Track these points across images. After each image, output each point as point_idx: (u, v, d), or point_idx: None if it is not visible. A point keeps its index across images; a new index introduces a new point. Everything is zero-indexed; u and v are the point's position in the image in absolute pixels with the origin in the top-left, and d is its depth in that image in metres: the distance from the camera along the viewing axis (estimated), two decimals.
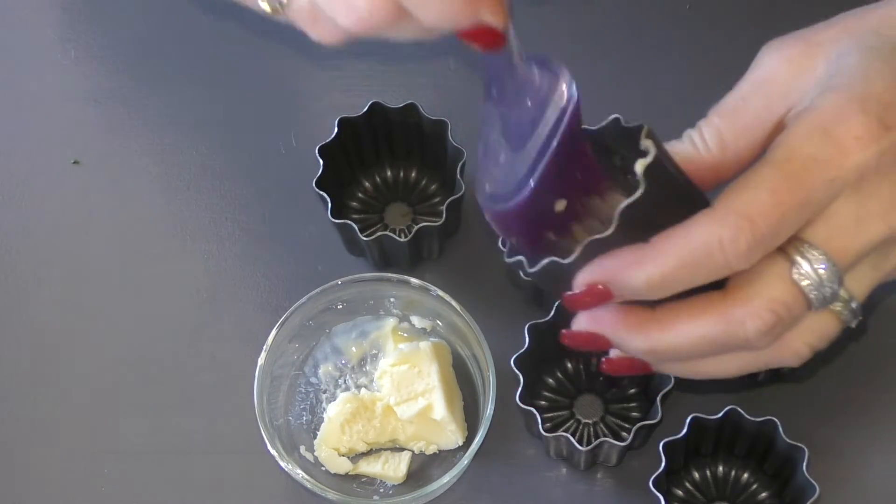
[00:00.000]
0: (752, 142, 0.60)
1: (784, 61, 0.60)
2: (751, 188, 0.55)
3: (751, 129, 0.60)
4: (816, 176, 0.56)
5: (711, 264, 0.55)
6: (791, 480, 0.72)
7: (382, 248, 0.79)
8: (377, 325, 0.79)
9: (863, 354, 0.78)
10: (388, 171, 0.83)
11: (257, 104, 0.86)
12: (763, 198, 0.55)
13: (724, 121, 0.60)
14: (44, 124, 0.86)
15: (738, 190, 0.56)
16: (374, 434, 0.75)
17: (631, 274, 0.56)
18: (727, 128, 0.60)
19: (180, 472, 0.77)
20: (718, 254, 0.55)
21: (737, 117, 0.60)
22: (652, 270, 0.56)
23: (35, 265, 0.82)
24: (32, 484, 0.77)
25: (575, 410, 0.77)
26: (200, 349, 0.80)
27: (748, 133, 0.60)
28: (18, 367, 0.80)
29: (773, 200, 0.55)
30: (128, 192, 0.84)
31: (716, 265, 0.56)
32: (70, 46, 0.88)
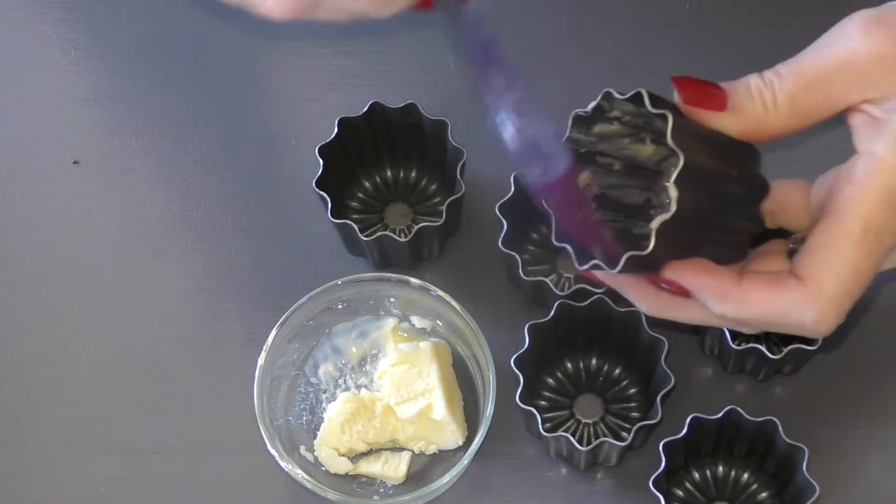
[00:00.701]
0: (818, 117, 0.60)
1: (876, 55, 0.59)
2: (839, 267, 0.58)
3: (823, 107, 0.60)
4: (887, 244, 0.60)
5: (787, 326, 0.60)
6: (791, 480, 0.72)
7: (382, 248, 0.79)
8: (377, 325, 0.79)
9: (863, 355, 0.78)
10: (388, 171, 0.83)
11: (257, 104, 0.86)
12: (850, 279, 0.59)
13: (801, 92, 0.59)
14: (44, 124, 0.86)
15: (826, 268, 0.58)
16: (374, 434, 0.75)
17: (713, 301, 0.60)
18: (803, 100, 0.59)
19: (180, 472, 0.77)
20: (798, 324, 0.59)
21: (814, 92, 0.59)
22: (732, 310, 0.60)
23: (35, 265, 0.82)
24: (32, 484, 0.77)
25: (575, 410, 0.77)
26: (200, 349, 0.80)
27: (820, 110, 0.60)
28: (18, 367, 0.80)
29: (858, 279, 0.59)
30: (128, 192, 0.84)
31: (790, 328, 0.60)
32: (70, 46, 0.88)
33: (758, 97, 0.59)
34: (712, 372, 0.78)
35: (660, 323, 0.69)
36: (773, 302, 0.59)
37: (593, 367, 0.78)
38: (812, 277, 0.58)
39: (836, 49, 0.60)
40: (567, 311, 0.74)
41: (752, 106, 0.59)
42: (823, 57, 0.60)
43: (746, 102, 0.59)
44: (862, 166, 0.59)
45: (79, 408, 0.78)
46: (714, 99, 0.59)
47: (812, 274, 0.58)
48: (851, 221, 0.58)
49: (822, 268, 0.58)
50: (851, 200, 0.58)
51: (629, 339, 0.75)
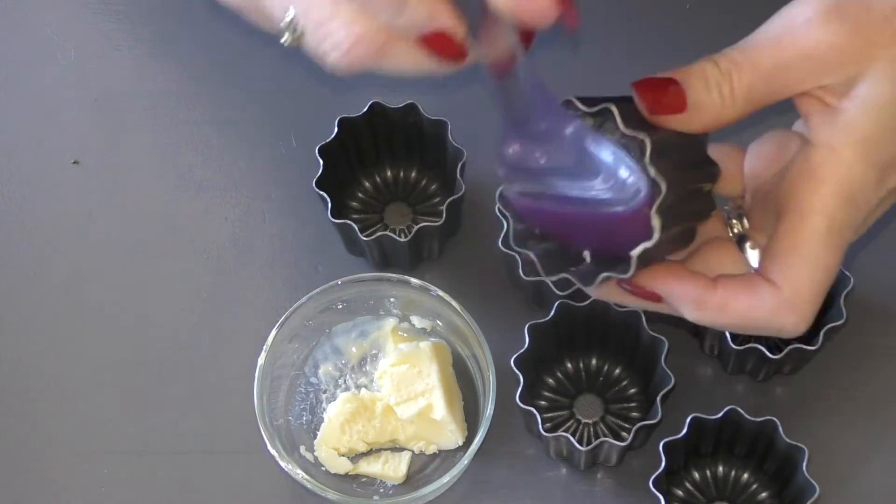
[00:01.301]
0: (769, 103, 0.60)
1: (836, 46, 0.58)
2: (812, 270, 0.58)
3: (777, 95, 0.59)
4: (848, 239, 0.60)
5: (764, 330, 0.60)
6: (791, 480, 0.72)
7: (382, 248, 0.79)
8: (377, 325, 0.79)
9: (863, 355, 0.78)
10: (388, 171, 0.83)
11: (257, 104, 0.86)
12: (822, 278, 0.59)
13: (759, 83, 0.58)
14: (44, 124, 0.86)
15: (800, 271, 0.58)
16: (374, 434, 0.75)
17: (688, 309, 0.59)
18: (760, 90, 0.59)
19: (180, 472, 0.77)
20: (777, 329, 0.59)
21: (772, 82, 0.59)
22: (707, 317, 0.60)
23: (35, 265, 0.82)
24: (32, 484, 0.77)
25: (575, 410, 0.77)
26: (200, 349, 0.80)
27: (773, 97, 0.59)
28: (18, 367, 0.80)
29: (828, 277, 0.59)
30: (128, 192, 0.84)
31: (767, 332, 0.60)
32: (70, 46, 0.88)
33: (716, 91, 0.58)
34: (712, 372, 0.78)
35: (660, 321, 0.69)
36: (751, 310, 0.59)
37: (593, 367, 0.78)
38: (787, 282, 0.58)
39: (795, 38, 0.58)
40: (567, 311, 0.74)
41: (711, 101, 0.59)
42: (782, 46, 0.59)
43: (704, 98, 0.58)
44: (821, 162, 0.58)
45: (79, 408, 0.78)
46: (675, 101, 0.58)
47: (787, 279, 0.58)
48: (818, 221, 0.58)
49: (795, 272, 0.58)
50: (814, 199, 0.58)
51: (629, 339, 0.75)
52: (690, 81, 0.58)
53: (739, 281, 0.59)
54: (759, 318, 0.59)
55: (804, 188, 0.58)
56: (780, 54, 0.58)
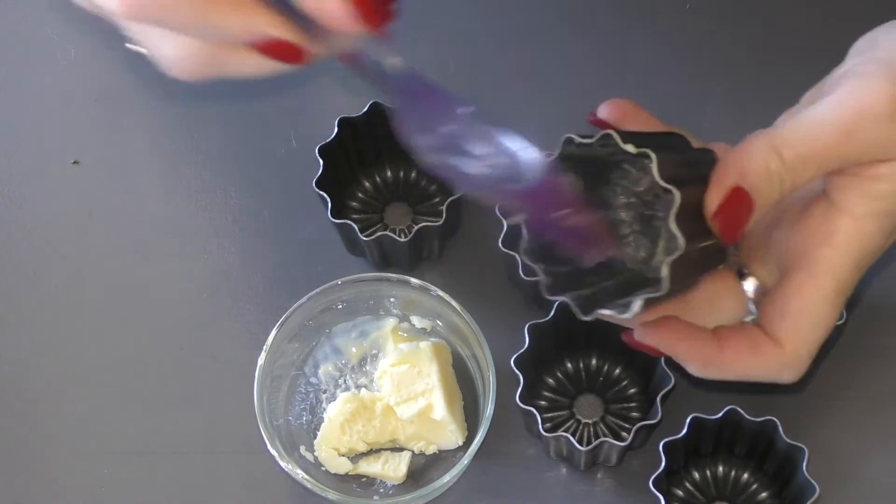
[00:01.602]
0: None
1: (882, 120, 0.56)
2: (815, 330, 0.59)
3: (824, 168, 0.58)
4: (849, 294, 0.60)
5: (760, 381, 0.61)
6: (791, 480, 0.72)
7: (382, 248, 0.79)
8: (377, 325, 0.79)
9: (863, 355, 0.78)
10: (388, 171, 0.83)
11: (257, 104, 0.86)
12: (822, 336, 0.60)
13: (820, 173, 0.57)
14: (44, 124, 0.86)
15: (805, 333, 0.59)
16: (374, 434, 0.75)
17: (693, 367, 0.60)
18: (815, 177, 0.57)
19: (180, 472, 0.77)
20: (774, 380, 0.61)
21: (830, 171, 0.58)
22: (710, 374, 0.61)
23: (35, 265, 0.82)
24: (32, 484, 0.77)
25: (575, 410, 0.77)
26: (200, 349, 0.80)
27: (821, 171, 0.58)
28: (18, 367, 0.80)
29: (826, 332, 0.60)
30: (128, 192, 0.84)
31: (763, 381, 0.61)
32: (70, 46, 0.88)
33: (778, 189, 0.57)
34: None
35: None
36: (754, 369, 0.60)
37: (593, 367, 0.78)
38: (791, 342, 0.59)
39: (864, 134, 0.56)
40: (567, 311, 0.74)
41: (772, 200, 0.57)
42: (850, 141, 0.56)
43: (767, 201, 0.57)
44: (842, 229, 0.58)
45: (79, 408, 0.78)
46: (746, 213, 0.56)
47: (791, 339, 0.59)
48: (828, 285, 0.58)
49: (801, 333, 0.59)
50: (829, 264, 0.58)
51: None
52: (757, 184, 0.56)
53: (743, 339, 0.59)
54: (760, 376, 0.60)
55: (820, 251, 0.58)
56: (847, 150, 0.56)
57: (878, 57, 0.57)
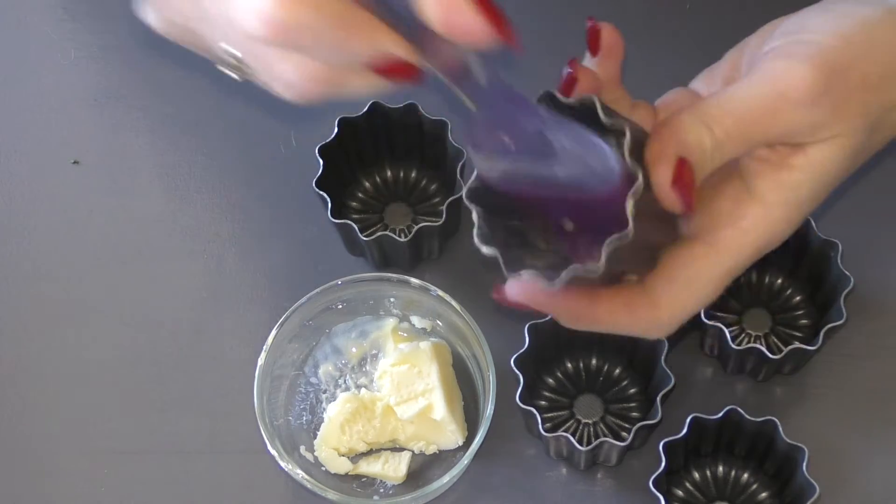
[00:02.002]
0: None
1: (816, 124, 0.57)
2: (695, 300, 0.59)
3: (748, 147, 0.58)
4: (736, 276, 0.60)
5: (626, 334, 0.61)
6: (791, 480, 0.72)
7: (382, 248, 0.79)
8: (377, 325, 0.79)
9: (863, 354, 0.78)
10: (388, 171, 0.83)
11: (257, 104, 0.86)
12: (698, 309, 0.60)
13: (743, 151, 0.58)
14: (44, 124, 0.86)
15: (683, 301, 0.59)
16: (374, 434, 0.75)
17: (565, 321, 0.60)
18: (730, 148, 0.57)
19: (180, 472, 0.77)
20: (638, 336, 0.60)
21: (752, 147, 0.58)
22: (581, 327, 0.60)
23: (35, 265, 0.82)
24: (32, 484, 0.77)
25: (575, 410, 0.77)
26: (200, 349, 0.80)
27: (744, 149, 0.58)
28: (18, 367, 0.80)
29: (703, 307, 0.61)
30: (128, 192, 0.84)
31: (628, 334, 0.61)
32: (70, 46, 0.88)
33: (709, 162, 0.57)
34: (712, 372, 0.78)
35: None
36: (625, 325, 0.59)
37: (593, 367, 0.78)
38: (669, 307, 0.59)
39: (785, 114, 0.57)
40: None
41: (705, 172, 0.57)
42: (775, 121, 0.57)
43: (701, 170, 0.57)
44: (752, 214, 0.58)
45: (79, 408, 0.78)
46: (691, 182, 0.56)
47: (669, 303, 0.59)
48: (724, 264, 0.58)
49: (681, 303, 0.59)
50: (733, 245, 0.58)
51: (629, 339, 0.75)
52: (694, 158, 0.56)
53: (618, 296, 0.59)
54: (630, 332, 0.60)
55: (726, 231, 0.58)
56: (769, 130, 0.57)
57: (805, 39, 0.57)
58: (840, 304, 0.73)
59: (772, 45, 0.59)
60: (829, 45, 0.57)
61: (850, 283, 0.73)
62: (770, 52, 0.59)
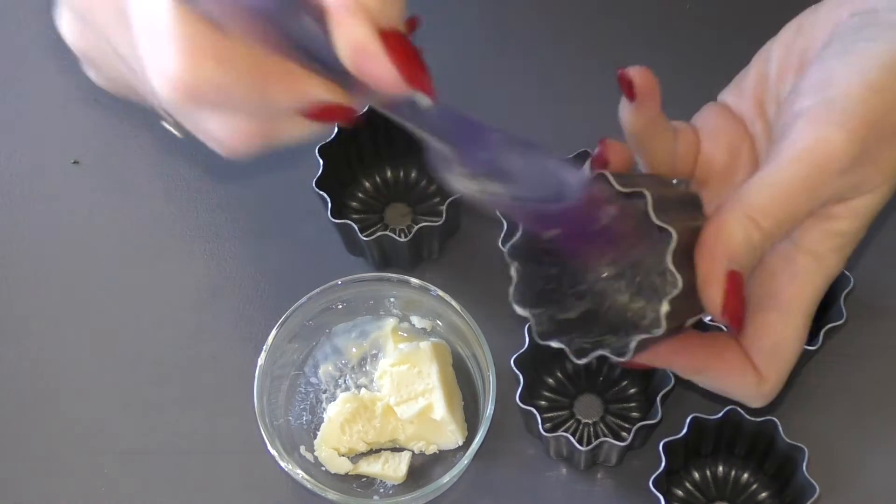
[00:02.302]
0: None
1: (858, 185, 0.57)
2: (789, 364, 0.59)
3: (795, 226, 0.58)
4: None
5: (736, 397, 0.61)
6: (791, 480, 0.72)
7: (382, 248, 0.79)
8: (377, 325, 0.79)
9: (863, 354, 0.78)
10: (388, 171, 0.83)
11: None
12: (792, 366, 0.60)
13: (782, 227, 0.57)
14: (44, 124, 0.86)
15: (780, 367, 0.59)
16: (374, 434, 0.75)
17: (688, 374, 0.60)
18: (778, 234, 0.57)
19: (180, 472, 0.77)
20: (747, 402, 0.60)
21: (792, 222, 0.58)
22: (700, 380, 0.60)
23: (35, 265, 0.82)
24: (32, 484, 0.77)
25: (575, 410, 0.77)
26: (200, 349, 0.80)
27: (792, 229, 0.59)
28: (18, 367, 0.80)
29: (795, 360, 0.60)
30: (128, 192, 0.84)
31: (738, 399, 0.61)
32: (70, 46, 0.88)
33: (759, 254, 0.57)
34: None
35: None
36: (736, 387, 0.60)
37: (593, 367, 0.78)
38: (770, 378, 0.59)
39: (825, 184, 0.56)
40: None
41: (753, 265, 0.58)
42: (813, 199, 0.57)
43: (750, 266, 0.57)
44: (806, 269, 0.58)
45: (79, 408, 0.78)
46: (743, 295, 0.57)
47: (771, 374, 0.59)
48: (798, 321, 0.59)
49: (777, 369, 0.59)
50: (797, 302, 0.59)
51: None
52: (743, 261, 0.56)
53: (737, 358, 0.59)
54: (737, 395, 0.60)
55: (788, 291, 0.58)
56: (812, 204, 0.57)
57: (834, 97, 0.57)
58: (840, 304, 0.73)
59: (801, 106, 0.58)
60: (859, 100, 0.56)
61: (850, 283, 0.73)
62: (801, 116, 0.58)
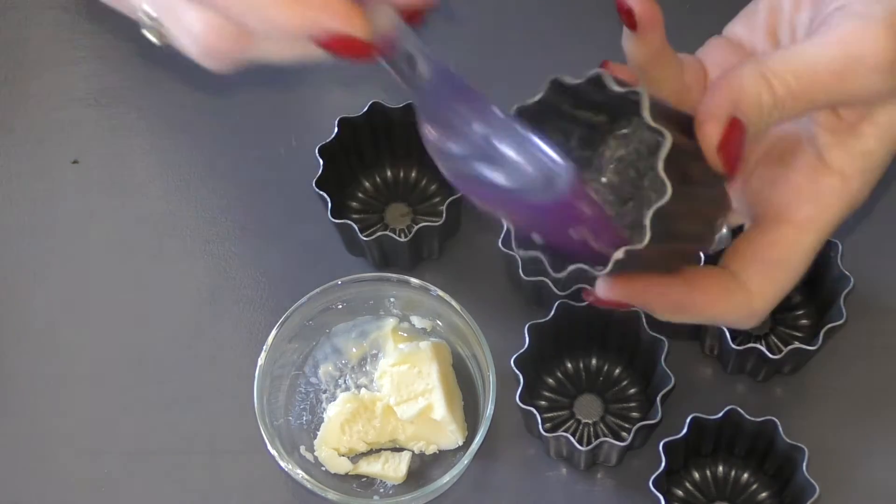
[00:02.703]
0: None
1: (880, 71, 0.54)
2: (787, 280, 0.57)
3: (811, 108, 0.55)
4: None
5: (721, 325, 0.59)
6: (791, 480, 0.72)
7: (382, 248, 0.79)
8: (377, 325, 0.79)
9: (863, 354, 0.78)
10: (388, 171, 0.83)
11: (257, 104, 0.86)
12: (791, 285, 0.57)
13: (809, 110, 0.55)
14: (44, 124, 0.86)
15: (776, 282, 0.57)
16: (374, 434, 0.75)
17: (664, 312, 0.57)
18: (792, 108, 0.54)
19: (180, 472, 0.77)
20: (733, 325, 0.60)
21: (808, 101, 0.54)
22: (680, 318, 0.57)
23: (35, 265, 0.82)
24: (32, 484, 0.77)
25: (575, 410, 0.77)
26: (200, 349, 0.80)
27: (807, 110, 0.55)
28: (18, 367, 0.80)
29: (795, 283, 0.58)
30: (128, 192, 0.84)
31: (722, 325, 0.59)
32: (70, 46, 0.88)
33: (766, 119, 0.54)
34: (712, 372, 0.78)
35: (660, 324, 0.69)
36: (724, 312, 0.57)
37: (593, 367, 0.78)
38: (761, 291, 0.57)
39: (857, 76, 0.53)
40: (567, 311, 0.74)
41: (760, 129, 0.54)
42: (840, 88, 0.54)
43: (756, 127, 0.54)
44: (832, 188, 0.56)
45: (79, 408, 0.78)
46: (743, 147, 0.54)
47: (762, 287, 0.57)
48: (811, 239, 0.57)
49: (774, 282, 0.57)
50: (817, 221, 0.57)
51: (629, 339, 0.75)
52: (749, 116, 0.53)
53: (714, 283, 0.57)
54: (728, 321, 0.58)
55: (809, 207, 0.56)
56: (836, 93, 0.54)
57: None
58: (840, 304, 0.73)
59: (840, 2, 0.55)
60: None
61: (850, 283, 0.73)
62: (840, 9, 0.55)
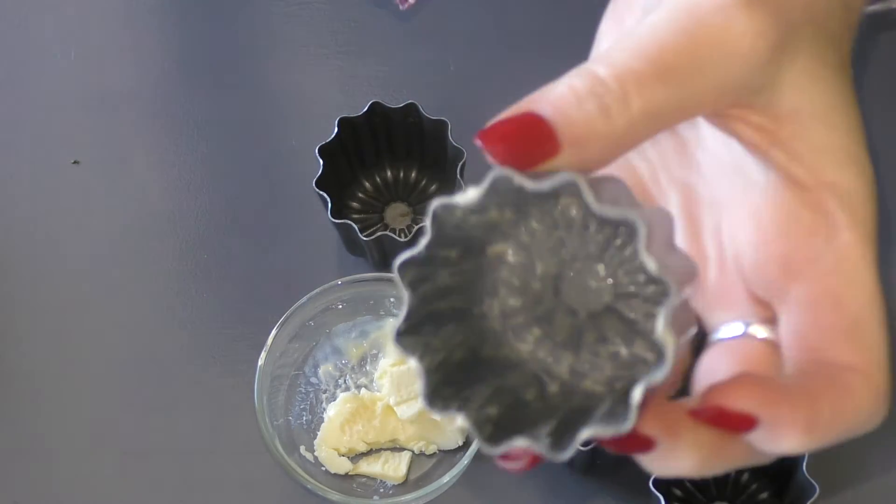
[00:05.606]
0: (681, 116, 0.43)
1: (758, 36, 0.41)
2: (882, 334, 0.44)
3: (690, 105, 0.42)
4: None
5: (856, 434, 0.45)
6: (791, 480, 0.72)
7: (382, 248, 0.79)
8: (377, 325, 0.79)
9: None
10: (388, 171, 0.83)
11: (257, 104, 0.86)
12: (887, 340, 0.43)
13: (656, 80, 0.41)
14: (44, 124, 0.86)
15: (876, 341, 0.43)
16: (374, 434, 0.75)
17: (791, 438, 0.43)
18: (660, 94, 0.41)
19: (180, 472, 0.77)
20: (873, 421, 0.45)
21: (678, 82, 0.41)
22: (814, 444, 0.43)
23: (35, 265, 0.82)
24: (32, 484, 0.77)
25: None
26: (200, 349, 0.80)
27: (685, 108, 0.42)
28: (18, 368, 0.80)
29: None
30: (128, 192, 0.84)
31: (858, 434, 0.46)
32: (70, 46, 0.88)
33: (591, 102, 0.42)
34: None
35: None
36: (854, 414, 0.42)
37: None
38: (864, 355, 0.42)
39: (706, 27, 0.41)
40: None
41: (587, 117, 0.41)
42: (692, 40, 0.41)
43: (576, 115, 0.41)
44: (830, 188, 0.43)
45: (79, 408, 0.78)
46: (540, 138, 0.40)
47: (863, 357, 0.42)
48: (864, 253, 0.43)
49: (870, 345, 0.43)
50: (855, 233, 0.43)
51: None
52: (561, 107, 0.41)
53: (821, 380, 0.42)
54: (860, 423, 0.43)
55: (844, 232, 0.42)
56: (689, 47, 0.41)
57: None
58: None
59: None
60: None
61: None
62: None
